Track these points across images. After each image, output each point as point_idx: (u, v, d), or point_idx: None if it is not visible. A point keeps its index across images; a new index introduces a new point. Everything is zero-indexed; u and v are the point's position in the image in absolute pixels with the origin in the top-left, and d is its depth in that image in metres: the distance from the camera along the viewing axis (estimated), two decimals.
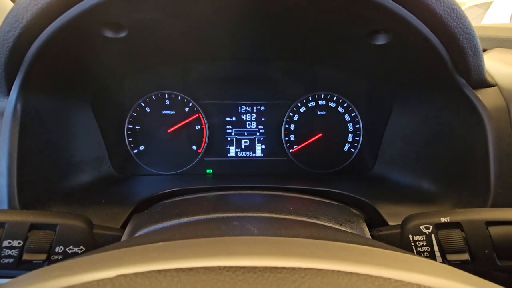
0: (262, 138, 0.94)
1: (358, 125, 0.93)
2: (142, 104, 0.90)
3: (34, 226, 0.46)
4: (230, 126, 0.93)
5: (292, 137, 0.94)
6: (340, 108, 0.93)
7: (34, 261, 0.45)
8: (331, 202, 0.65)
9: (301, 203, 0.61)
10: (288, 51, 0.82)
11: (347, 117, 0.93)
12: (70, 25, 0.49)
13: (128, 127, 0.90)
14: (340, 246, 0.30)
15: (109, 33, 0.57)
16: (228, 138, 0.94)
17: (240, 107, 0.93)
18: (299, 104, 0.93)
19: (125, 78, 0.88)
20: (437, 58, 0.54)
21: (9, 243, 0.44)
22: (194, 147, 0.92)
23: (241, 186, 0.70)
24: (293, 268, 0.24)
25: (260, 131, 0.94)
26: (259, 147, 0.94)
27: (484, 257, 0.45)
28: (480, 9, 3.64)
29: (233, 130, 0.94)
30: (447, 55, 0.54)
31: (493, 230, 0.45)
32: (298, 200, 0.63)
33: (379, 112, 0.87)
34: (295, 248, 0.29)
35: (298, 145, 0.93)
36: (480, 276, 0.28)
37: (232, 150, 0.94)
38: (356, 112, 0.93)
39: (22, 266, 0.45)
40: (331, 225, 0.51)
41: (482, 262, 0.45)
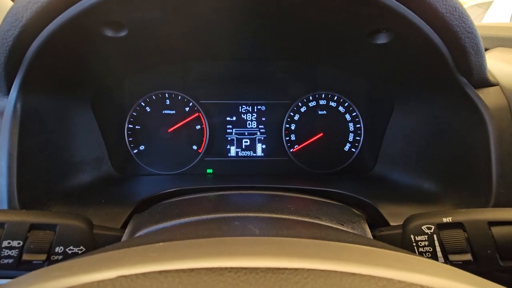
0: (263, 138, 0.94)
1: (359, 125, 0.93)
2: (143, 104, 0.90)
3: (34, 226, 0.46)
4: (231, 126, 0.93)
5: (293, 137, 0.93)
6: (341, 108, 0.93)
7: (34, 262, 0.45)
8: (332, 202, 0.65)
9: (302, 203, 0.61)
10: (289, 51, 0.81)
11: (348, 117, 0.93)
12: (70, 24, 0.49)
13: (128, 127, 0.90)
14: (343, 247, 0.30)
15: (109, 32, 0.57)
16: (229, 138, 0.93)
17: (241, 107, 0.93)
18: (300, 104, 0.93)
19: (125, 78, 0.88)
20: (439, 57, 0.54)
21: (9, 243, 0.44)
22: (195, 147, 0.92)
23: (242, 186, 0.69)
24: (296, 269, 0.24)
25: (261, 131, 0.94)
26: (260, 147, 0.94)
27: (487, 258, 0.45)
28: (481, 9, 3.64)
29: (234, 130, 0.93)
30: (449, 54, 0.53)
31: (496, 230, 0.45)
32: (299, 200, 0.63)
33: (380, 112, 0.87)
34: (298, 249, 0.28)
35: (299, 145, 0.93)
36: (483, 277, 0.28)
37: (233, 150, 0.93)
38: (357, 112, 0.93)
39: (22, 267, 0.45)
40: (333, 225, 0.51)
41: (485, 263, 0.45)
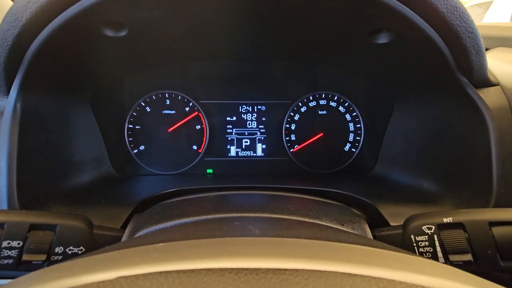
0: (263, 138, 0.94)
1: (359, 125, 0.93)
2: (143, 104, 0.90)
3: (34, 227, 0.46)
4: (231, 126, 0.93)
5: (293, 137, 0.93)
6: (341, 108, 0.93)
7: (34, 262, 0.45)
8: (332, 202, 0.65)
9: (302, 203, 0.61)
10: (289, 51, 0.81)
11: (348, 117, 0.93)
12: (70, 24, 0.49)
13: (128, 127, 0.90)
14: (343, 247, 0.30)
15: (109, 32, 0.57)
16: (229, 138, 0.93)
17: (241, 107, 0.93)
18: (300, 104, 0.93)
19: (125, 78, 0.88)
20: (439, 57, 0.54)
21: (9, 244, 0.44)
22: (195, 147, 0.92)
23: (242, 186, 0.69)
24: (296, 270, 0.24)
25: (261, 131, 0.94)
26: (260, 147, 0.94)
27: (487, 258, 0.45)
28: (481, 9, 3.64)
29: (234, 130, 0.93)
30: (450, 54, 0.53)
31: (496, 231, 0.45)
32: (299, 200, 0.63)
33: (380, 112, 0.87)
34: (298, 249, 0.28)
35: (299, 145, 0.93)
36: (483, 277, 0.28)
37: (233, 150, 0.93)
38: (357, 112, 0.92)
39: (22, 267, 0.45)
40: (333, 226, 0.51)
41: (485, 263, 0.45)
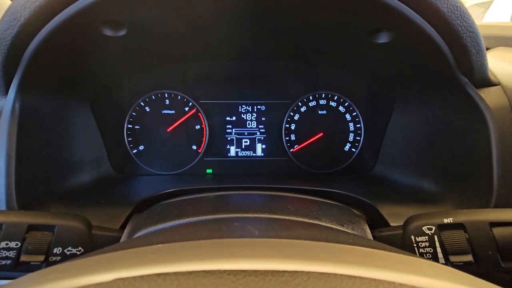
0: (263, 138, 0.94)
1: (359, 125, 0.92)
2: (142, 104, 0.89)
3: (32, 227, 0.46)
4: (230, 126, 0.93)
5: (293, 137, 0.93)
6: (341, 108, 0.92)
7: (32, 263, 0.44)
8: (332, 203, 0.64)
9: (302, 204, 0.61)
10: (289, 50, 0.81)
11: (348, 117, 0.92)
12: (69, 23, 0.49)
13: (128, 127, 0.89)
14: (343, 249, 0.29)
15: (108, 32, 0.57)
16: (228, 138, 0.93)
17: (240, 107, 0.92)
18: (300, 104, 0.92)
19: (125, 77, 0.87)
20: (440, 57, 0.54)
21: (7, 245, 0.44)
22: (194, 147, 0.92)
23: (242, 186, 0.69)
24: (296, 272, 0.23)
25: (261, 131, 0.93)
26: (260, 147, 0.93)
27: (488, 259, 0.45)
28: (481, 8, 3.63)
29: (233, 130, 0.93)
30: (450, 54, 0.53)
31: (497, 231, 0.45)
32: (299, 201, 0.63)
33: (380, 112, 0.87)
34: (297, 251, 0.28)
35: (299, 145, 0.93)
36: (483, 278, 0.28)
37: (232, 150, 0.93)
38: (357, 112, 0.92)
39: (20, 268, 0.45)
40: (333, 226, 0.50)
41: (486, 264, 0.45)
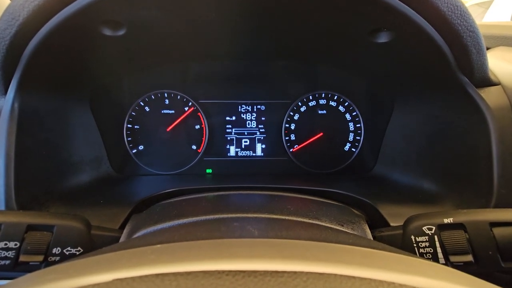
0: (262, 138, 0.93)
1: (359, 125, 0.92)
2: (141, 104, 0.89)
3: (31, 227, 0.46)
4: (230, 126, 0.93)
5: (293, 137, 0.93)
6: (341, 107, 0.92)
7: (31, 263, 0.44)
8: (332, 203, 0.64)
9: (302, 204, 0.60)
10: (289, 50, 0.81)
11: (348, 117, 0.92)
12: (68, 23, 0.49)
13: (127, 127, 0.89)
14: (343, 249, 0.29)
15: (108, 31, 0.57)
16: (228, 138, 0.93)
17: (240, 107, 0.92)
18: (300, 103, 0.92)
19: (124, 77, 0.87)
20: (440, 57, 0.53)
21: (6, 245, 0.44)
22: (194, 147, 0.92)
23: (241, 186, 0.69)
24: (295, 272, 0.23)
25: (260, 131, 0.93)
26: (259, 147, 0.93)
27: (488, 259, 0.45)
28: (481, 8, 3.63)
29: (233, 130, 0.93)
30: (450, 53, 0.53)
31: (497, 231, 0.44)
32: (299, 201, 0.63)
33: (380, 112, 0.87)
34: (297, 251, 0.28)
35: (299, 145, 0.93)
36: (483, 278, 0.28)
37: (232, 150, 0.93)
38: (357, 112, 0.92)
39: (19, 268, 0.44)
40: (333, 226, 0.50)
41: (486, 264, 0.45)
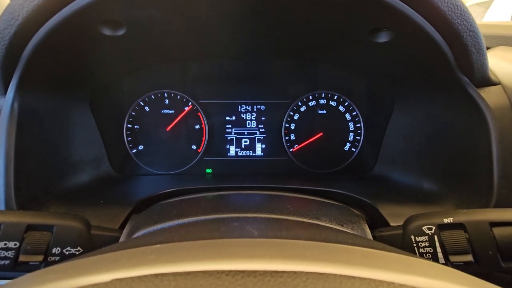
0: (262, 138, 0.93)
1: (359, 124, 0.92)
2: (141, 103, 0.89)
3: (31, 227, 0.46)
4: (230, 126, 0.93)
5: (293, 137, 0.93)
6: (341, 107, 0.92)
7: (31, 263, 0.44)
8: (332, 202, 0.64)
9: (302, 204, 0.60)
10: (289, 50, 0.81)
11: (348, 116, 0.92)
12: (67, 23, 0.49)
13: (127, 127, 0.89)
14: (343, 249, 0.29)
15: (107, 31, 0.56)
16: (228, 138, 0.93)
17: (240, 106, 0.92)
18: (300, 103, 0.92)
19: (124, 77, 0.87)
20: (440, 56, 0.53)
21: (5, 245, 0.44)
22: (194, 147, 0.92)
23: (241, 186, 0.69)
24: (295, 272, 0.23)
25: (260, 131, 0.93)
26: (259, 147, 0.93)
27: (488, 259, 0.44)
28: (481, 8, 3.62)
29: (233, 130, 0.93)
30: (450, 53, 0.53)
31: (497, 231, 0.44)
32: (299, 201, 0.63)
33: (380, 111, 0.87)
34: (297, 251, 0.28)
35: (299, 145, 0.93)
36: (483, 278, 0.28)
37: (232, 150, 0.93)
38: (357, 111, 0.92)
39: (19, 268, 0.44)
40: (333, 226, 0.50)
41: (486, 264, 0.45)
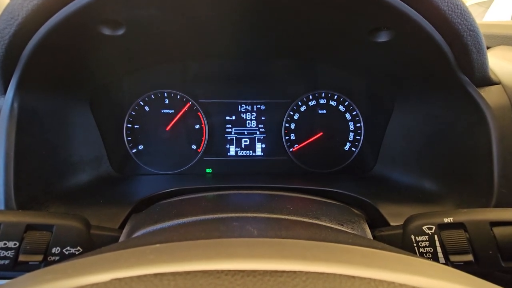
0: (262, 137, 0.93)
1: (359, 124, 0.92)
2: (141, 103, 0.89)
3: (31, 227, 0.46)
4: (230, 125, 0.93)
5: (293, 136, 0.93)
6: (341, 107, 0.92)
7: (30, 263, 0.44)
8: (332, 202, 0.64)
9: (302, 203, 0.60)
10: (289, 49, 0.81)
11: (348, 116, 0.92)
12: (67, 22, 0.49)
13: (127, 126, 0.89)
14: (343, 248, 0.29)
15: (107, 31, 0.56)
16: (228, 137, 0.93)
17: (240, 106, 0.92)
18: (300, 103, 0.92)
19: (124, 77, 0.87)
20: (440, 56, 0.53)
21: (5, 244, 0.44)
22: (194, 146, 0.92)
23: (241, 186, 0.69)
24: (294, 272, 0.23)
25: (260, 130, 0.93)
26: (259, 147, 0.93)
27: (488, 258, 0.44)
28: (481, 8, 3.62)
29: (233, 129, 0.93)
30: (450, 53, 0.53)
31: (498, 231, 0.44)
32: (299, 200, 0.63)
33: (380, 111, 0.86)
34: (296, 251, 0.28)
35: (299, 144, 0.93)
36: (484, 278, 0.28)
37: (232, 150, 0.93)
38: (357, 111, 0.92)
39: (18, 267, 0.44)
40: (333, 226, 0.50)
41: (486, 263, 0.45)
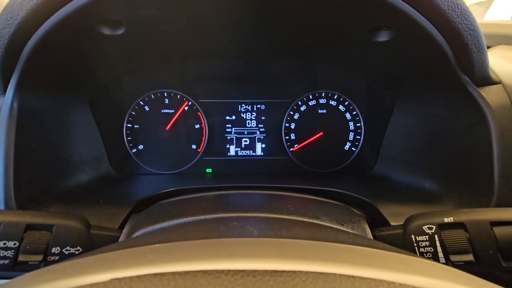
0: (262, 137, 0.93)
1: (359, 124, 0.92)
2: (141, 103, 0.89)
3: (30, 227, 0.46)
4: (230, 125, 0.93)
5: (293, 136, 0.93)
6: (341, 107, 0.92)
7: (30, 262, 0.44)
8: (332, 202, 0.64)
9: (302, 203, 0.60)
10: (289, 49, 0.81)
11: (348, 116, 0.92)
12: (67, 22, 0.49)
13: (127, 126, 0.89)
14: (343, 248, 0.29)
15: (107, 30, 0.56)
16: (228, 137, 0.93)
17: (240, 106, 0.92)
18: (300, 103, 0.92)
19: (124, 77, 0.87)
20: (440, 55, 0.53)
21: (5, 244, 0.44)
22: (194, 146, 0.91)
23: (241, 186, 0.69)
24: (294, 272, 0.23)
25: (260, 130, 0.93)
26: (259, 146, 0.93)
27: (489, 258, 0.44)
28: (481, 7, 3.62)
29: (233, 129, 0.93)
30: (451, 52, 0.53)
31: (498, 231, 0.44)
32: (299, 200, 0.63)
33: (380, 111, 0.86)
34: (296, 250, 0.28)
35: (299, 144, 0.93)
36: (484, 278, 0.28)
37: (232, 149, 0.93)
38: (357, 111, 0.92)
39: (18, 267, 0.44)
40: (333, 226, 0.50)
41: (487, 263, 0.44)
